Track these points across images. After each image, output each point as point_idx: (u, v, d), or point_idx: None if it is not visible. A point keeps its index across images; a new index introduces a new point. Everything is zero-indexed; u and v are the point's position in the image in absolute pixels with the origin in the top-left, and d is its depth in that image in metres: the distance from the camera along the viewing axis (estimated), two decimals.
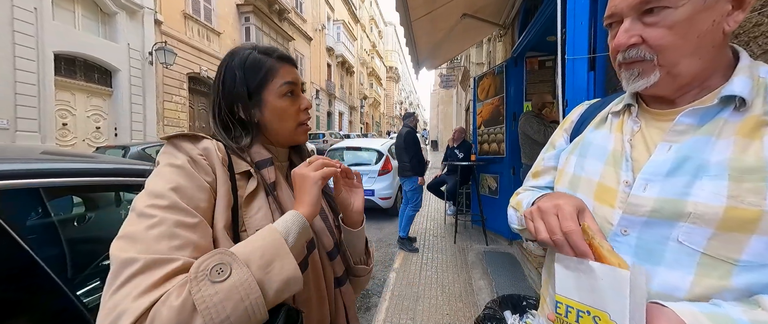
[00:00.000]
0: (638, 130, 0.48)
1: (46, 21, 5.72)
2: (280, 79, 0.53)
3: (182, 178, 0.42)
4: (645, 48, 0.40)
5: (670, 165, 0.41)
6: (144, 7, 7.50)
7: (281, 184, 0.54)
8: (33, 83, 5.59)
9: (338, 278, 0.58)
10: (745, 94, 0.39)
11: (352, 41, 22.93)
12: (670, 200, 0.39)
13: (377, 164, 4.34)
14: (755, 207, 0.35)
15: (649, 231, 0.41)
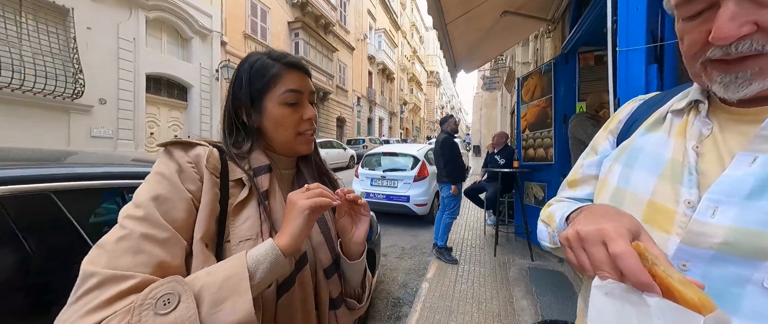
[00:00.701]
0: (709, 134, 0.37)
1: (141, 48, 6.97)
2: (283, 86, 0.51)
3: (164, 188, 0.41)
4: (762, 37, 0.29)
5: (754, 183, 0.31)
6: (213, 31, 8.67)
7: (275, 193, 0.50)
8: (130, 100, 6.82)
9: (334, 299, 0.53)
10: None
11: (393, 48, 23.30)
12: (751, 232, 0.30)
13: (413, 170, 4.28)
14: None
15: (718, 269, 0.31)
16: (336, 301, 0.53)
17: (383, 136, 22.48)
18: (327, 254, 0.53)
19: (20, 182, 0.64)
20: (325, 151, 9.93)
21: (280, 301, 0.45)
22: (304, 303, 0.48)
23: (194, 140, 0.48)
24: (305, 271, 0.49)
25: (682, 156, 0.37)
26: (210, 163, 0.46)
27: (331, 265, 0.53)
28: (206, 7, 8.46)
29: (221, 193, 0.46)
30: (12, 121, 5.12)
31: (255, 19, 10.41)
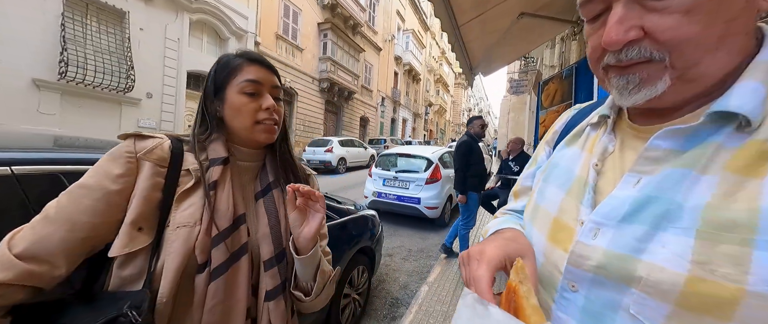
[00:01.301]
0: (613, 150, 0.36)
1: (184, 47, 7.62)
2: (242, 76, 0.54)
3: (93, 178, 0.47)
4: (650, 44, 0.27)
5: (629, 206, 0.30)
6: (248, 31, 9.23)
7: (224, 185, 0.53)
8: (172, 95, 7.49)
9: (269, 291, 0.54)
10: (747, 110, 0.26)
11: (421, 49, 23.13)
12: (620, 256, 0.29)
13: (425, 172, 4.24)
14: (732, 282, 0.23)
15: (597, 292, 0.31)
16: (270, 293, 0.54)
17: (406, 137, 22.41)
18: (270, 247, 0.55)
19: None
20: (345, 149, 10.15)
21: (210, 286, 0.48)
22: (233, 290, 0.51)
23: (150, 134, 0.53)
24: (242, 261, 0.52)
25: (587, 173, 0.36)
26: (154, 155, 0.50)
27: (272, 257, 0.55)
28: (243, 9, 9.03)
29: (168, 182, 0.50)
30: (77, 111, 5.87)
31: (287, 20, 10.90)
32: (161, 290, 0.46)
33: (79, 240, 0.45)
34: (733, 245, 0.24)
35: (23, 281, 0.42)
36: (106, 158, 0.50)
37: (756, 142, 0.26)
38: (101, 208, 0.46)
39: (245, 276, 0.52)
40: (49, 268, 0.43)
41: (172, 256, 0.47)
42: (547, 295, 0.36)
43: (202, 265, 0.49)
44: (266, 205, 0.58)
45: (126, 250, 0.46)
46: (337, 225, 1.80)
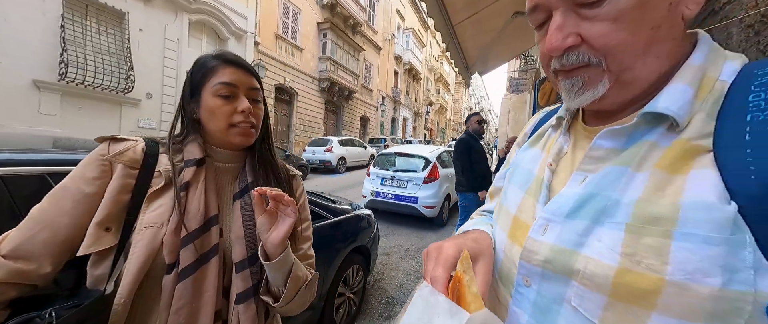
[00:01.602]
0: (567, 150, 0.38)
1: (183, 48, 7.64)
2: (217, 79, 0.55)
3: (71, 180, 0.49)
4: (587, 49, 0.29)
5: (574, 203, 0.32)
6: (247, 31, 9.24)
7: (196, 186, 0.53)
8: (172, 95, 7.51)
9: (240, 293, 0.53)
10: (673, 111, 0.27)
11: (421, 48, 23.09)
12: (563, 250, 0.31)
13: (423, 171, 4.25)
14: (653, 273, 0.25)
15: (546, 286, 0.33)
16: (241, 296, 0.54)
17: (406, 136, 22.41)
18: (242, 249, 0.55)
19: None
20: (345, 148, 10.16)
21: (177, 287, 0.49)
22: (201, 292, 0.50)
23: (126, 137, 0.54)
24: (211, 262, 0.52)
25: (543, 173, 0.38)
26: (124, 157, 0.51)
27: (245, 259, 0.55)
28: (242, 9, 9.04)
29: (139, 183, 0.51)
30: (77, 112, 5.90)
31: (286, 20, 10.90)
32: (120, 291, 0.46)
33: (61, 240, 0.47)
34: (655, 237, 0.25)
35: (13, 279, 0.44)
36: (82, 162, 0.51)
37: (681, 141, 0.27)
38: (79, 210, 0.48)
39: (214, 278, 0.52)
40: (36, 266, 0.46)
41: (135, 257, 0.47)
42: (506, 290, 0.37)
43: (170, 266, 0.49)
44: (242, 206, 0.58)
45: (91, 249, 0.47)
46: (331, 224, 1.81)
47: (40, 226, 0.46)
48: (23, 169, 0.74)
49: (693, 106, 0.28)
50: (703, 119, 0.27)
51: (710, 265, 0.23)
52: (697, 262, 0.24)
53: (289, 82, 11.08)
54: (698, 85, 0.28)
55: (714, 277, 0.23)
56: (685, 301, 0.24)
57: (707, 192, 0.25)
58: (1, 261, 0.44)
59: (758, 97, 0.25)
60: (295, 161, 8.12)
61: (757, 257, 0.23)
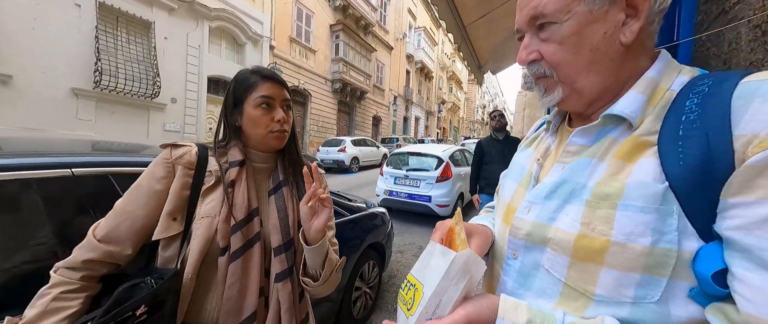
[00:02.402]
0: (553, 148, 0.45)
1: (204, 54, 8.01)
2: (257, 93, 0.64)
3: (144, 179, 0.60)
4: (544, 64, 0.38)
5: (551, 187, 0.39)
6: (263, 36, 9.54)
7: (240, 183, 0.63)
8: (194, 99, 7.89)
9: (278, 274, 0.63)
10: (627, 113, 0.35)
11: (433, 47, 22.94)
12: (540, 224, 0.38)
13: (436, 170, 4.27)
14: (603, 236, 0.32)
15: (528, 256, 0.40)
16: (279, 275, 0.63)
17: (419, 135, 22.34)
18: (279, 236, 0.64)
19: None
20: (358, 148, 10.29)
21: (230, 266, 0.59)
22: (248, 271, 0.60)
23: (183, 143, 0.64)
24: (255, 247, 0.62)
25: (533, 167, 0.45)
26: (183, 161, 0.62)
27: (281, 245, 0.64)
28: (258, 14, 9.35)
29: (195, 181, 0.61)
30: (110, 117, 6.33)
31: (300, 23, 11.16)
32: (187, 269, 0.57)
33: (139, 228, 0.58)
34: (605, 209, 0.33)
35: (105, 259, 0.56)
36: (152, 164, 0.62)
37: (634, 137, 0.34)
38: (152, 204, 0.59)
39: (258, 260, 0.62)
40: (121, 249, 0.57)
41: (196, 241, 0.58)
42: (498, 265, 0.45)
43: (223, 249, 0.59)
44: (277, 201, 0.67)
45: (163, 235, 0.58)
46: (347, 221, 1.90)
47: (122, 217, 0.58)
48: (90, 170, 0.86)
49: (645, 109, 0.35)
50: (652, 120, 0.34)
51: (644, 229, 0.30)
52: (633, 226, 0.30)
53: (303, 84, 11.34)
54: (651, 93, 0.35)
55: (646, 238, 0.30)
56: (625, 257, 0.31)
57: (647, 175, 0.31)
58: (97, 244, 0.56)
59: (692, 102, 0.31)
60: (309, 161, 8.30)
61: (682, 223, 0.29)
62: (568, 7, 0.34)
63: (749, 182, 0.26)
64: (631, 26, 0.34)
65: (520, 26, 0.40)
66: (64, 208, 0.82)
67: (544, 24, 0.36)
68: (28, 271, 0.75)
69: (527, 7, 0.37)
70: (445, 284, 0.34)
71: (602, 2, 0.34)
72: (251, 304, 0.60)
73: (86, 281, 0.55)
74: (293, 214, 0.68)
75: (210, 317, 0.60)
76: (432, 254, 0.38)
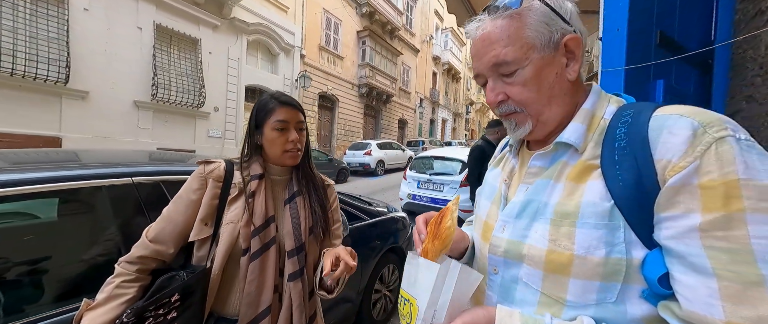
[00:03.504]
0: (516, 169, 0.50)
1: (243, 65, 8.69)
2: (275, 117, 0.74)
3: (184, 191, 0.72)
4: (512, 102, 0.43)
5: (519, 207, 0.44)
6: (295, 46, 10.11)
7: (260, 194, 0.72)
8: (234, 107, 8.58)
9: (291, 274, 0.71)
10: (572, 140, 0.41)
11: (461, 47, 22.46)
12: (514, 242, 0.43)
13: (460, 175, 4.21)
14: (567, 251, 0.37)
15: (507, 271, 0.44)
16: (291, 275, 0.72)
17: (446, 137, 21.93)
18: (291, 241, 0.73)
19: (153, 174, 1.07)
20: (384, 151, 10.42)
21: (250, 265, 0.68)
22: (265, 270, 0.69)
23: (213, 159, 0.75)
24: (271, 249, 0.71)
25: (501, 186, 0.50)
26: (213, 175, 0.73)
27: (293, 249, 0.73)
28: (290, 26, 9.93)
29: (223, 192, 0.72)
30: (163, 125, 7.13)
31: (329, 32, 11.63)
32: (214, 266, 0.68)
33: (179, 231, 0.70)
34: (567, 227, 0.37)
35: (154, 256, 0.69)
36: (190, 177, 0.74)
37: (581, 161, 0.40)
38: (189, 211, 0.71)
39: (274, 261, 0.71)
40: (166, 248, 0.69)
41: (222, 243, 0.68)
42: (483, 281, 0.47)
43: (245, 250, 0.69)
44: (291, 209, 0.76)
45: (197, 237, 0.69)
46: (367, 225, 1.97)
47: (167, 222, 0.70)
48: (146, 178, 1.04)
49: (586, 137, 0.41)
50: (593, 146, 0.40)
51: (598, 242, 0.35)
52: (590, 240, 0.35)
53: (331, 90, 11.77)
54: (589, 122, 0.42)
55: (600, 250, 0.35)
56: (586, 267, 0.36)
57: (595, 195, 0.37)
58: (148, 244, 0.68)
59: (620, 131, 0.37)
60: (336, 164, 8.61)
61: (629, 235, 0.34)
62: (526, 55, 0.40)
63: (672, 199, 0.31)
64: (572, 67, 0.42)
65: (480, 71, 0.45)
66: (126, 211, 0.99)
67: (507, 70, 0.42)
68: (100, 263, 0.92)
69: (488, 56, 0.42)
70: (435, 295, 0.39)
71: (549, 49, 0.40)
72: (267, 298, 0.69)
73: (140, 274, 0.67)
74: (305, 222, 0.76)
75: (234, 308, 0.70)
76: (417, 267, 0.42)
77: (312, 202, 0.79)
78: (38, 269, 0.87)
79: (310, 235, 0.76)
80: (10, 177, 0.83)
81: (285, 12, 9.89)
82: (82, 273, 0.92)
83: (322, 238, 0.81)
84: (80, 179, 0.92)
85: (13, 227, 1.00)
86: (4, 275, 0.80)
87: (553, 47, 0.40)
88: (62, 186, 0.89)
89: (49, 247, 0.93)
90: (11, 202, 0.86)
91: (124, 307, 0.62)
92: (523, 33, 0.40)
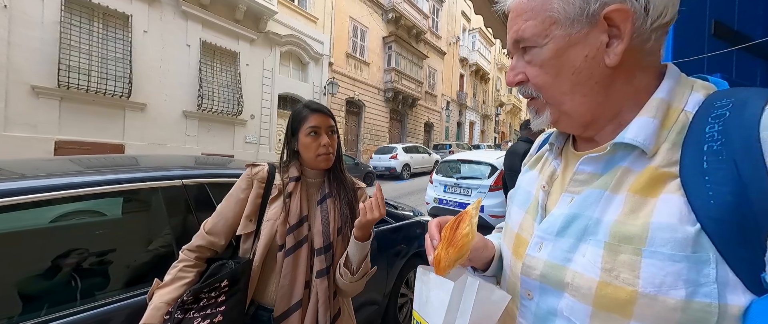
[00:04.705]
0: (558, 173, 0.41)
1: (276, 75, 9.23)
2: (307, 124, 0.80)
3: (234, 190, 0.80)
4: (531, 86, 0.37)
5: (562, 222, 0.35)
6: (323, 55, 10.53)
7: (297, 194, 0.78)
8: (268, 115, 9.13)
9: (318, 271, 0.75)
10: (639, 142, 0.31)
11: (489, 47, 21.78)
12: (554, 265, 0.35)
13: (489, 179, 4.06)
14: (628, 286, 0.28)
15: (544, 298, 0.36)
16: (320, 272, 0.76)
17: (474, 140, 21.27)
18: (321, 240, 0.78)
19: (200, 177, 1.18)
20: (409, 155, 10.38)
21: (285, 260, 0.73)
22: (298, 266, 0.75)
23: (258, 163, 0.82)
24: (303, 247, 0.75)
25: (539, 193, 0.42)
26: (258, 176, 0.80)
27: (322, 248, 0.77)
28: (319, 35, 10.36)
29: (265, 192, 0.79)
30: (207, 132, 7.79)
31: (355, 39, 11.94)
32: (255, 258, 0.74)
33: (229, 225, 0.79)
34: (629, 255, 0.29)
35: (208, 246, 0.78)
36: (240, 178, 0.82)
37: (651, 168, 0.31)
38: (237, 208, 0.79)
39: (305, 257, 0.76)
40: (218, 239, 0.78)
41: (262, 239, 0.75)
42: (513, 304, 0.41)
43: (281, 246, 0.75)
44: (321, 210, 0.81)
45: (242, 232, 0.76)
46: (393, 228, 1.98)
47: (219, 217, 0.79)
48: (193, 180, 1.15)
49: (659, 136, 0.31)
50: (670, 148, 0.30)
51: (674, 280, 0.26)
52: (663, 276, 0.27)
53: (358, 96, 12.03)
54: (663, 116, 0.32)
55: (678, 290, 0.26)
56: (656, 310, 0.27)
57: (671, 215, 0.28)
58: (205, 235, 0.78)
59: (712, 128, 0.28)
60: (363, 168, 8.75)
61: (723, 273, 0.25)
62: (545, 32, 0.33)
63: None
64: (615, 48, 0.32)
65: (508, 48, 0.39)
66: (177, 209, 1.10)
67: (526, 47, 0.36)
68: (162, 253, 1.05)
69: (511, 31, 0.36)
70: (450, 319, 0.33)
71: (581, 25, 0.32)
72: (299, 293, 0.74)
73: (198, 261, 0.76)
74: (333, 222, 0.80)
75: (271, 298, 0.76)
76: (428, 284, 0.37)
77: (341, 204, 0.83)
78: (106, 260, 1.00)
79: (338, 236, 0.80)
80: (87, 179, 0.97)
81: (315, 23, 10.35)
82: (142, 262, 1.05)
83: (349, 238, 0.83)
84: (141, 181, 1.05)
85: (88, 223, 1.16)
86: (82, 264, 0.94)
87: (587, 21, 0.31)
88: (128, 187, 1.02)
89: (116, 240, 1.07)
90: (86, 201, 1.00)
91: (185, 289, 0.71)
92: (549, 4, 0.32)
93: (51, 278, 0.88)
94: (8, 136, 5.10)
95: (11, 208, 0.81)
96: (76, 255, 0.93)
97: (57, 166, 1.17)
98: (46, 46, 5.32)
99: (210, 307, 0.68)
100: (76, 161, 1.29)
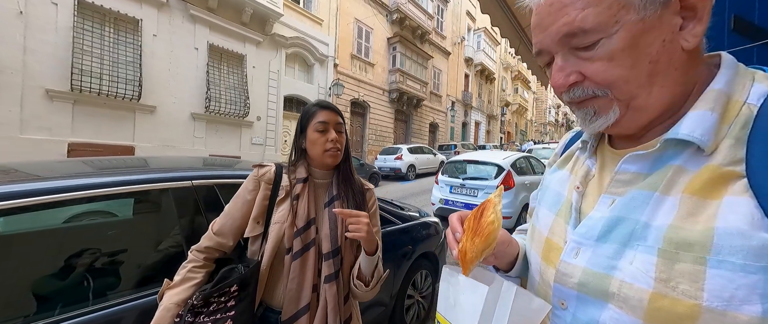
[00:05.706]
0: (594, 173, 0.38)
1: (281, 77, 9.31)
2: (315, 120, 0.79)
3: (241, 190, 0.79)
4: (591, 84, 0.32)
5: (603, 226, 0.32)
6: (328, 56, 10.58)
7: (304, 196, 0.77)
8: (274, 116, 9.20)
9: (327, 276, 0.74)
10: (696, 137, 0.28)
11: (494, 47, 21.62)
12: (596, 274, 0.32)
13: (496, 179, 4.02)
14: (689, 299, 0.25)
15: (582, 309, 0.33)
16: (328, 277, 0.75)
17: (480, 141, 21.13)
18: (328, 244, 0.76)
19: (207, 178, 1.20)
20: (414, 156, 10.35)
21: (292, 264, 0.73)
22: (305, 269, 0.73)
23: (265, 164, 0.82)
24: (310, 250, 0.74)
25: (572, 195, 0.39)
26: (265, 177, 0.79)
27: (330, 252, 0.76)
28: (324, 37, 10.42)
29: (272, 194, 0.78)
30: (214, 134, 7.89)
31: (360, 40, 11.98)
32: (263, 261, 0.74)
33: (237, 227, 0.78)
34: (689, 264, 0.26)
35: (218, 247, 0.78)
36: (246, 179, 0.82)
37: (711, 167, 0.28)
38: (244, 210, 0.78)
39: (313, 261, 0.75)
40: (226, 240, 0.78)
41: (269, 241, 0.74)
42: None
43: (288, 249, 0.74)
44: (329, 213, 0.80)
45: (250, 234, 0.76)
46: (399, 229, 1.97)
47: (227, 218, 0.79)
48: (203, 181, 1.16)
49: (718, 131, 0.28)
50: (733, 145, 0.27)
51: (748, 293, 0.23)
52: (733, 289, 0.24)
53: (362, 96, 12.05)
54: (722, 109, 0.29)
55: (753, 305, 0.23)
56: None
57: (740, 218, 0.25)
58: (213, 236, 0.77)
59: None
60: (368, 169, 8.75)
61: None
62: (615, 18, 0.28)
63: None
64: (692, 30, 0.29)
65: (545, 47, 0.33)
66: (187, 210, 1.11)
67: (584, 41, 0.30)
68: (172, 253, 1.06)
69: (556, 24, 0.31)
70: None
71: (654, 7, 0.28)
72: (306, 296, 0.73)
73: (207, 261, 0.76)
74: (341, 226, 0.79)
75: (279, 301, 0.75)
76: (456, 286, 0.34)
77: (349, 207, 0.82)
78: (118, 260, 1.01)
79: (347, 240, 0.79)
80: (99, 180, 0.98)
81: (320, 24, 10.42)
82: (153, 262, 1.06)
83: (358, 242, 0.82)
84: (152, 182, 1.06)
85: (100, 224, 1.18)
86: (95, 264, 0.95)
87: (660, 2, 0.28)
88: (139, 188, 1.03)
89: (127, 240, 1.09)
90: (98, 202, 1.02)
91: (194, 290, 0.71)
92: None
93: (64, 278, 0.90)
94: (24, 139, 5.24)
95: (27, 209, 0.82)
96: (88, 255, 0.95)
97: (70, 168, 1.19)
98: (60, 50, 5.45)
99: (220, 311, 0.68)
100: (88, 163, 1.31)
